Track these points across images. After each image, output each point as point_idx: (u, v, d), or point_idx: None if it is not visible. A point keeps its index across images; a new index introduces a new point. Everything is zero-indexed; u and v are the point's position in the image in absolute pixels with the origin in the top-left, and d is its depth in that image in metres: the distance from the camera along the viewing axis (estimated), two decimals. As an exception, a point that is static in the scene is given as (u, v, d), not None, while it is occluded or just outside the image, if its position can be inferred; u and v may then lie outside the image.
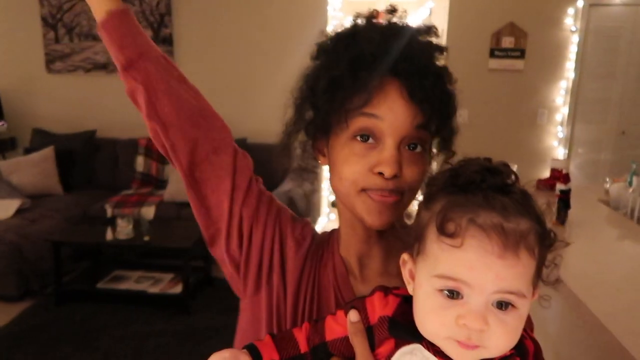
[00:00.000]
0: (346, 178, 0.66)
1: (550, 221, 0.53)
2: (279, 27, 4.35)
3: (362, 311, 0.61)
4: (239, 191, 0.72)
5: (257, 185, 0.76)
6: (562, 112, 4.23)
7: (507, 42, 4.15)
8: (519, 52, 4.15)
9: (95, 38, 4.51)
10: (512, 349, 0.53)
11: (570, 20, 4.09)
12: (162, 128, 0.71)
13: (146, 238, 3.21)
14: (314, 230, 0.79)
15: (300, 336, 0.64)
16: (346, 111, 0.64)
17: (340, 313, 0.63)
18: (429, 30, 0.68)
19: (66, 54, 4.56)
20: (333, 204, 4.10)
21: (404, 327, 0.57)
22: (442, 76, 0.66)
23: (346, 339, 0.61)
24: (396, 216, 0.67)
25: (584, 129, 4.28)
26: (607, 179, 2.41)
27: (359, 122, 0.64)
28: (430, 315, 0.53)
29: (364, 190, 0.66)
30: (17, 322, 3.06)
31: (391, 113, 0.63)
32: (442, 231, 0.51)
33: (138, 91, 0.71)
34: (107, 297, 3.34)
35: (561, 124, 4.25)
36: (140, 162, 4.29)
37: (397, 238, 0.72)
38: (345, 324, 0.61)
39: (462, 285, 0.50)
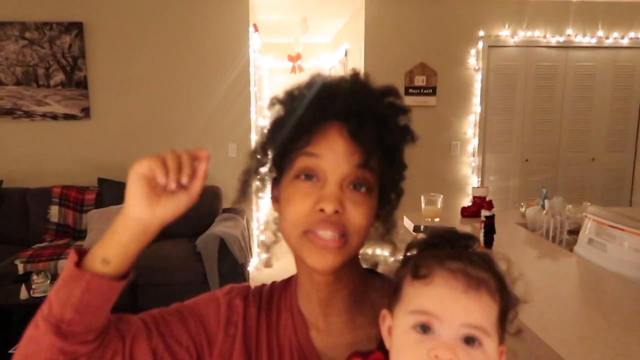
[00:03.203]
0: (289, 218, 0.66)
1: (510, 278, 0.60)
2: (199, 68, 4.35)
3: None
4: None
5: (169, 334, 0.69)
6: (473, 143, 4.57)
7: (420, 80, 4.45)
8: (431, 90, 4.46)
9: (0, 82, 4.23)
10: None
11: (473, 60, 4.48)
12: None
13: (66, 293, 2.96)
14: (245, 297, 0.75)
15: None
16: (290, 152, 0.67)
17: None
18: (389, 91, 0.72)
19: (-34, 99, 4.22)
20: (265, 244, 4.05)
21: None
22: (386, 120, 0.67)
23: None
24: (341, 260, 0.65)
25: (493, 158, 4.65)
26: (522, 204, 2.62)
27: (302, 162, 0.66)
28: (407, 352, 0.57)
29: (305, 232, 0.65)
30: None
31: (331, 152, 0.64)
32: (415, 275, 0.57)
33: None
34: (21, 363, 3.02)
35: (473, 154, 4.58)
36: (54, 212, 4.01)
37: (360, 286, 0.74)
38: None
39: (433, 319, 0.55)
